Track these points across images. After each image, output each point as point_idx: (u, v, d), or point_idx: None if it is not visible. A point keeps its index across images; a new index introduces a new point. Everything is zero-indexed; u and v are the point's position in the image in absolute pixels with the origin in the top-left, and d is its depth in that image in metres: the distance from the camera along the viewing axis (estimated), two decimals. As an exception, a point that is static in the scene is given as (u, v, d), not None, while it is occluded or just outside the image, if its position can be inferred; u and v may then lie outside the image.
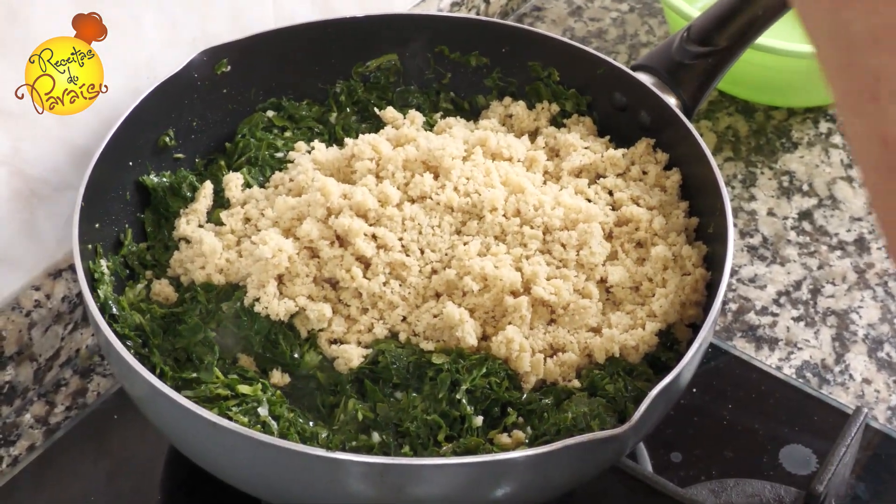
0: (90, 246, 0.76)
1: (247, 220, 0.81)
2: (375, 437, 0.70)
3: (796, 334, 0.94)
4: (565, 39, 0.91)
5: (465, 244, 0.77)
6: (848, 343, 0.93)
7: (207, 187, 0.84)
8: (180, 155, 0.86)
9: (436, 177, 0.80)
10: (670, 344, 0.76)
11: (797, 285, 0.98)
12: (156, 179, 0.83)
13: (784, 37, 1.03)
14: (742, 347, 0.93)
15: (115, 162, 0.79)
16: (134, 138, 0.81)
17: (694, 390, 0.88)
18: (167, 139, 0.85)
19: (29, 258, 0.83)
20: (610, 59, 0.89)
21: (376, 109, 0.92)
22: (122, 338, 0.71)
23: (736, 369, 0.91)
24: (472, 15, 1.23)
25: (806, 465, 0.84)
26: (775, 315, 0.96)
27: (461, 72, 0.95)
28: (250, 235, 0.79)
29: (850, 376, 0.91)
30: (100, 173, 0.77)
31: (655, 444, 0.84)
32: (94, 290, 0.73)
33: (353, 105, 0.93)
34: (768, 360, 0.92)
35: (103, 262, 0.77)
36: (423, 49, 0.94)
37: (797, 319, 0.95)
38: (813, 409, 0.88)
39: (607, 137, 0.89)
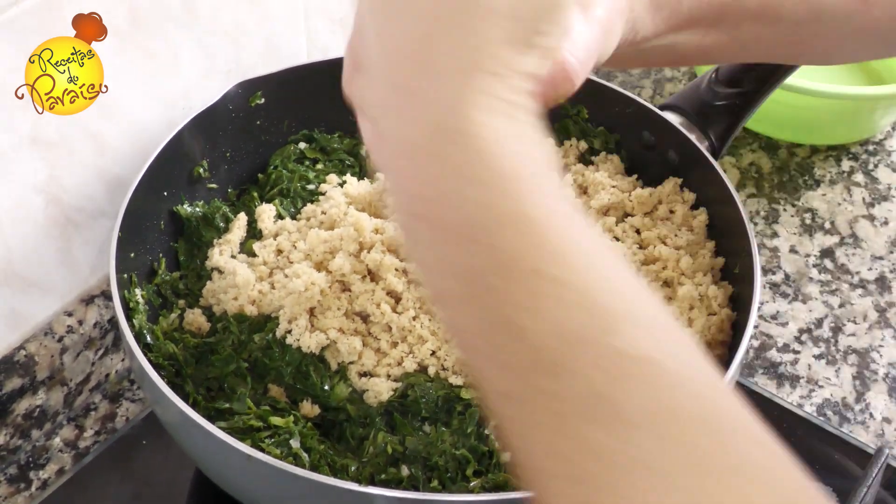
0: (125, 275, 0.77)
1: (279, 251, 0.82)
2: (404, 470, 0.71)
3: (817, 372, 0.95)
4: (595, 78, 0.92)
5: (494, 280, 0.78)
6: (868, 382, 0.94)
7: (242, 219, 0.85)
8: (213, 185, 0.88)
9: (466, 213, 0.81)
10: (695, 382, 0.77)
11: (819, 323, 0.99)
12: (189, 209, 0.85)
13: (808, 76, 1.05)
14: (764, 384, 0.94)
15: (150, 192, 0.80)
16: (169, 169, 0.83)
17: (716, 427, 0.88)
18: (201, 170, 0.86)
19: (63, 284, 0.85)
20: (639, 98, 0.90)
21: (406, 143, 0.93)
22: (157, 367, 0.72)
23: (758, 406, 0.91)
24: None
25: (827, 503, 0.84)
26: (797, 352, 0.96)
27: (490, 106, 0.96)
28: (283, 267, 0.80)
29: (871, 415, 0.92)
30: (136, 203, 0.78)
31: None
32: (129, 318, 0.75)
33: (383, 138, 0.94)
34: (789, 397, 0.93)
35: (138, 291, 0.78)
36: (454, 83, 0.95)
37: (818, 357, 0.96)
38: (834, 447, 0.89)
39: (635, 176, 0.90)
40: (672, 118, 0.88)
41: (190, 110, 0.85)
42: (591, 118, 0.93)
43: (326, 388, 0.74)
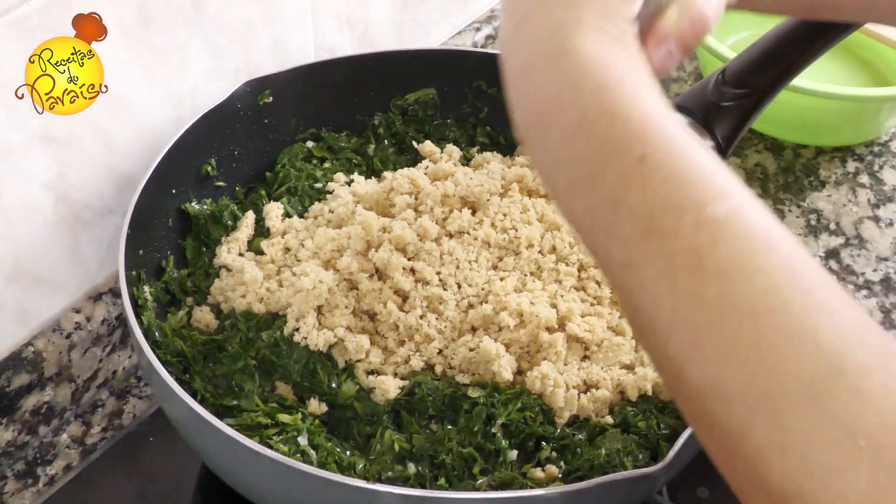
0: (134, 272, 0.78)
1: (287, 249, 0.82)
2: (411, 468, 0.71)
3: (822, 373, 0.95)
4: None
5: (501, 280, 0.78)
6: (873, 383, 0.94)
7: (250, 217, 0.85)
8: (221, 183, 0.88)
9: (473, 212, 0.81)
10: (701, 382, 0.77)
11: (824, 324, 0.99)
12: (197, 207, 0.85)
13: (814, 77, 1.05)
14: (768, 385, 0.93)
15: (159, 190, 0.81)
16: (178, 166, 0.83)
17: (721, 427, 0.88)
18: (209, 168, 0.86)
19: (71, 281, 0.85)
20: (645, 99, 0.90)
21: (414, 142, 0.94)
22: (165, 364, 0.73)
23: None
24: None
25: None
26: (802, 353, 0.96)
27: (498, 107, 0.96)
28: (290, 265, 0.80)
29: (876, 416, 0.92)
30: (145, 201, 0.78)
31: (682, 479, 0.85)
32: (137, 315, 0.75)
33: (391, 137, 0.95)
34: (794, 397, 0.93)
35: (146, 289, 0.78)
36: (461, 83, 0.95)
37: (823, 358, 0.96)
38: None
39: (641, 175, 0.90)
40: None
41: (198, 108, 0.85)
42: (597, 118, 0.93)
43: (334, 385, 0.75)
